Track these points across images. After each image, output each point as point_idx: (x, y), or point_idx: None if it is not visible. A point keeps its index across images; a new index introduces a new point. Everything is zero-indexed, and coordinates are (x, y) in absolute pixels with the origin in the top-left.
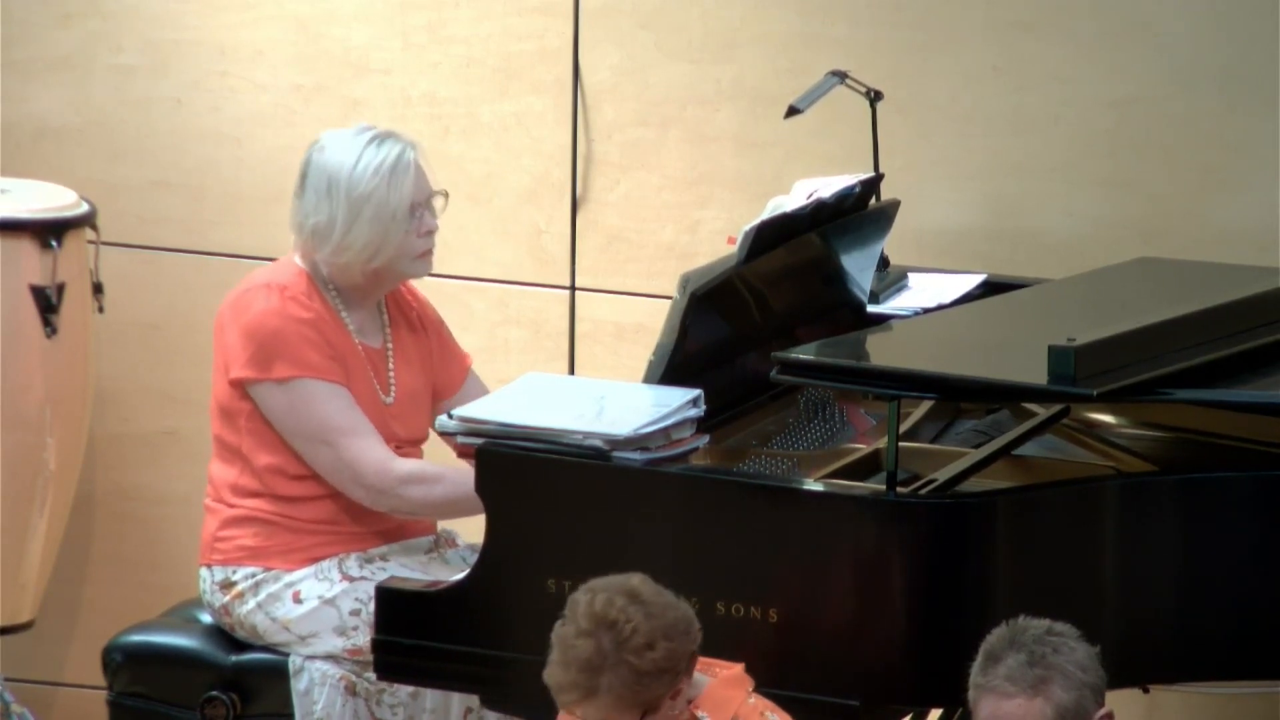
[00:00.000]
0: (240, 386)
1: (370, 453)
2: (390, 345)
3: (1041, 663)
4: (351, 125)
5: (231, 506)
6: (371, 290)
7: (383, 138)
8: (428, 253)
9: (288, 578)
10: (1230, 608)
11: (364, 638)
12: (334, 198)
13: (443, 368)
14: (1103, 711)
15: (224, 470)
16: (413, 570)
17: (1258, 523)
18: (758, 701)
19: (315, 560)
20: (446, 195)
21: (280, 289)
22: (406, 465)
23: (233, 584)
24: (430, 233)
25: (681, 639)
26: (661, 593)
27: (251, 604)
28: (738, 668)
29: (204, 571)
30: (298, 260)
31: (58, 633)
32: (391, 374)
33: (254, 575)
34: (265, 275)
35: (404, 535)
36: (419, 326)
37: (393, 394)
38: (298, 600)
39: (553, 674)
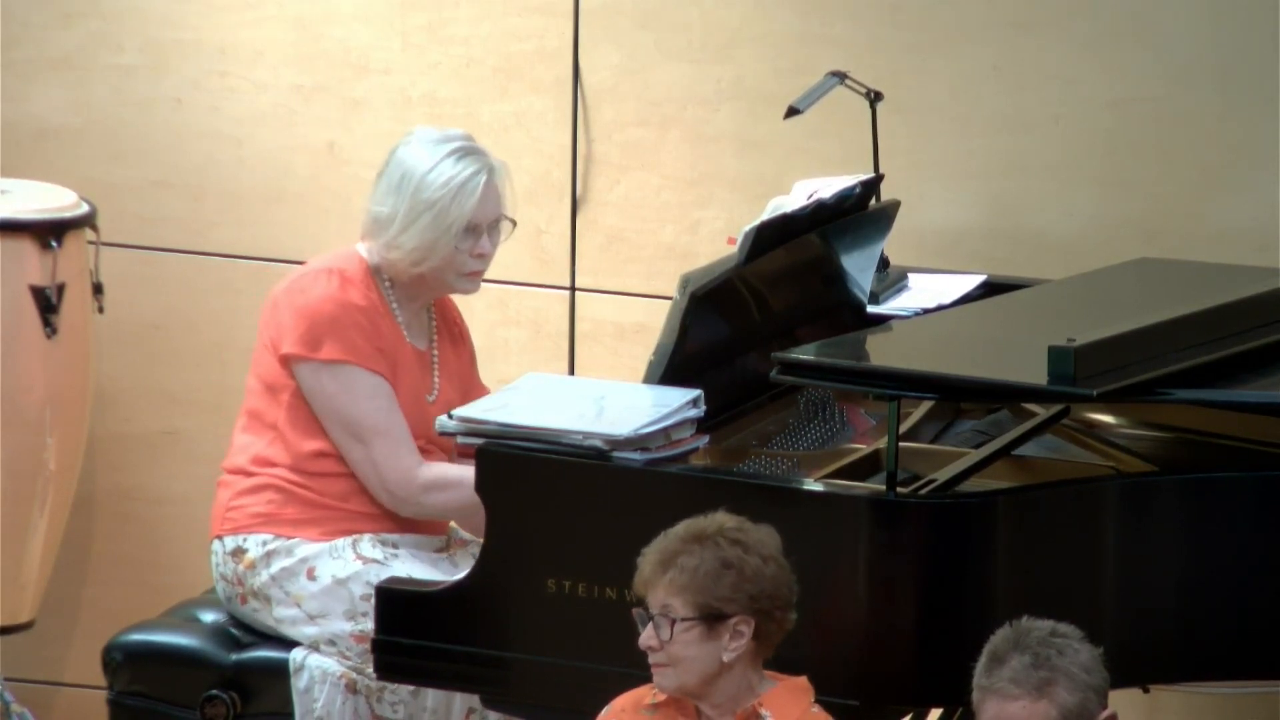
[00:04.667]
0: (288, 364)
1: (399, 459)
2: (435, 351)
3: (1046, 665)
4: (439, 129)
5: (249, 475)
6: (419, 292)
7: (465, 152)
8: (477, 274)
9: (301, 552)
10: (1230, 608)
11: (372, 624)
12: (401, 195)
13: (468, 389)
14: (1106, 713)
15: (252, 440)
16: (424, 565)
17: (1258, 523)
18: (819, 712)
19: (327, 534)
20: (514, 223)
21: (340, 273)
22: (429, 472)
23: (244, 551)
24: (483, 255)
25: (776, 574)
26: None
27: (265, 576)
28: (802, 678)
29: (215, 544)
30: (360, 248)
31: (58, 633)
32: (436, 377)
33: (265, 542)
34: (325, 260)
35: (418, 529)
36: (459, 340)
37: (435, 394)
38: (311, 577)
39: (647, 549)
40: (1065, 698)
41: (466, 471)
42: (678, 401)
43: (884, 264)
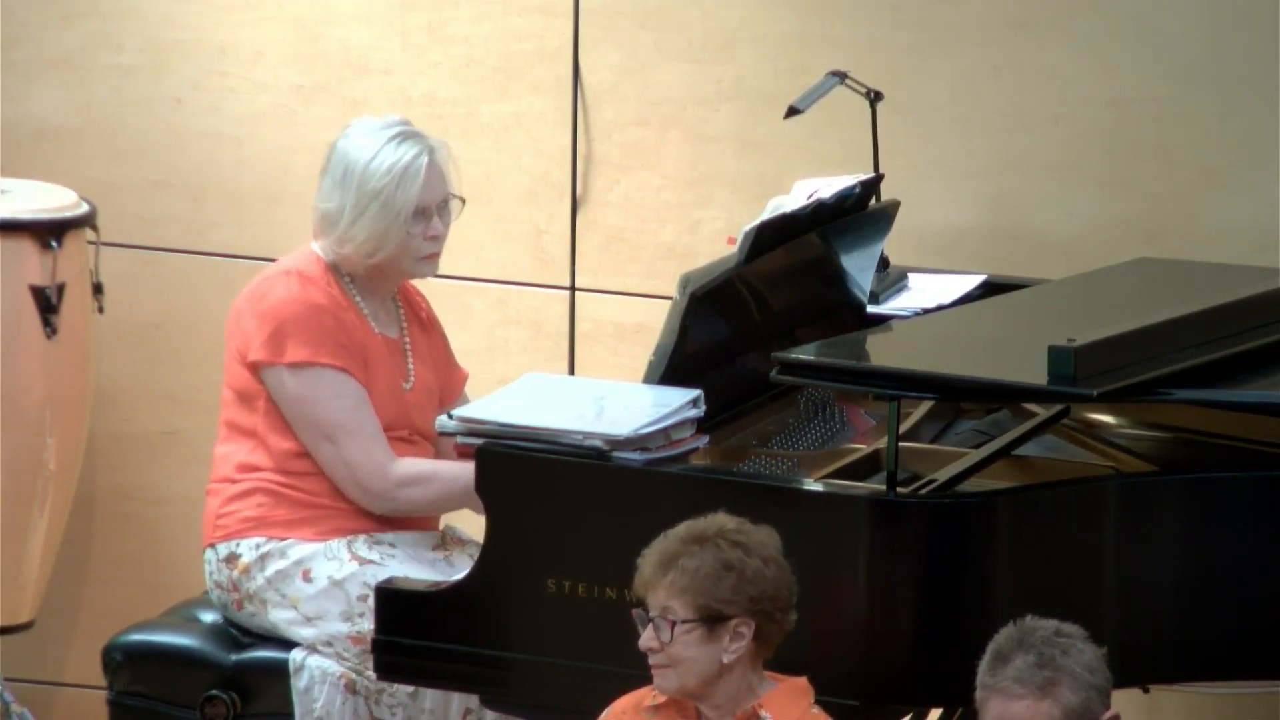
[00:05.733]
0: (256, 370)
1: (370, 456)
2: (407, 338)
3: (1050, 664)
4: (377, 117)
5: (236, 483)
6: (379, 282)
7: (404, 137)
8: (433, 256)
9: (296, 554)
10: (1230, 608)
11: (369, 624)
12: (346, 188)
13: (445, 374)
14: (1109, 714)
15: (233, 449)
16: (421, 565)
17: (1258, 523)
18: (819, 713)
19: (321, 533)
20: (463, 201)
21: (298, 274)
22: (401, 468)
23: (238, 556)
24: (435, 237)
25: (777, 575)
26: None
27: (260, 580)
28: (802, 679)
29: (209, 553)
30: (315, 247)
31: (58, 633)
32: (411, 363)
33: (259, 546)
34: (283, 263)
35: (410, 525)
36: (429, 325)
37: (412, 381)
38: (307, 579)
39: (647, 550)
40: (1069, 697)
41: (440, 466)
42: (678, 401)
43: (884, 264)
